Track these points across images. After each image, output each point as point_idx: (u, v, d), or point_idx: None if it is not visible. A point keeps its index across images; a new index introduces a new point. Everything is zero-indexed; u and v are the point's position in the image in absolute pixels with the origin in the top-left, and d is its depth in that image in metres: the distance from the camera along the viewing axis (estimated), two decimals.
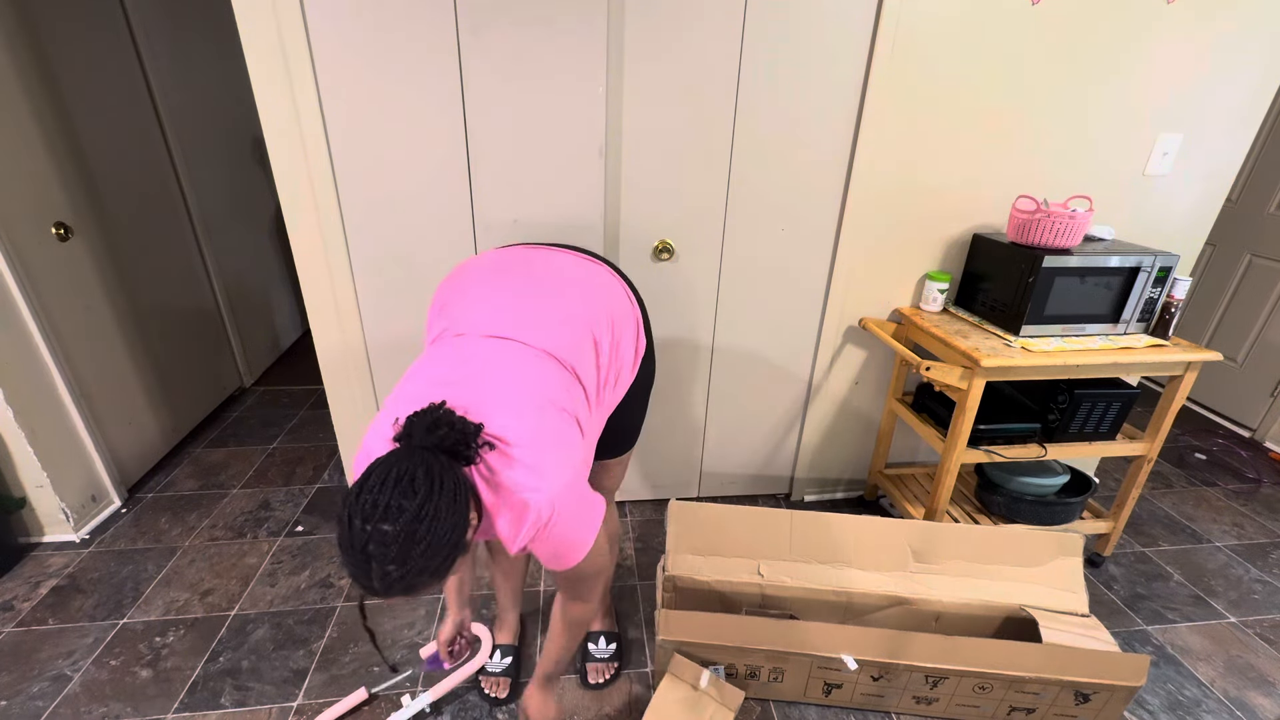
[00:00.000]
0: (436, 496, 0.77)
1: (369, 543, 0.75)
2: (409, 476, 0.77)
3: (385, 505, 0.75)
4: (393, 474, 0.77)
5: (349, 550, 0.77)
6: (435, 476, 0.78)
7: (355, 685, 1.46)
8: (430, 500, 0.76)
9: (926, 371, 1.58)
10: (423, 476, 0.77)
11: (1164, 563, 1.97)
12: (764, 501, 2.20)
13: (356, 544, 0.76)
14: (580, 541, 0.97)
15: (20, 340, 1.75)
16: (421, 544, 0.76)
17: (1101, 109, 1.69)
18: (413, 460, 0.78)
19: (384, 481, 0.77)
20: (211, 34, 2.61)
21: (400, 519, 0.75)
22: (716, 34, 1.52)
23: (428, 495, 0.76)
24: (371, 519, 0.75)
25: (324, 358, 1.76)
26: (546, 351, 1.01)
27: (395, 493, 0.76)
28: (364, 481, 0.78)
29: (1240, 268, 2.74)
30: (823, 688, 1.44)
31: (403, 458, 0.79)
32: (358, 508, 0.76)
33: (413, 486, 0.76)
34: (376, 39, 1.43)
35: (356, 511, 0.76)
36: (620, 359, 1.14)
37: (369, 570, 0.76)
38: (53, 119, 1.86)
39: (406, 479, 0.77)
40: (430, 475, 0.78)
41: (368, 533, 0.75)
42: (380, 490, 0.76)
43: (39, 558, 1.86)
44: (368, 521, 0.75)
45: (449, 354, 0.99)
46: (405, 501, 0.76)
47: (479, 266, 1.18)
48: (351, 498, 0.77)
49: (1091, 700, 1.34)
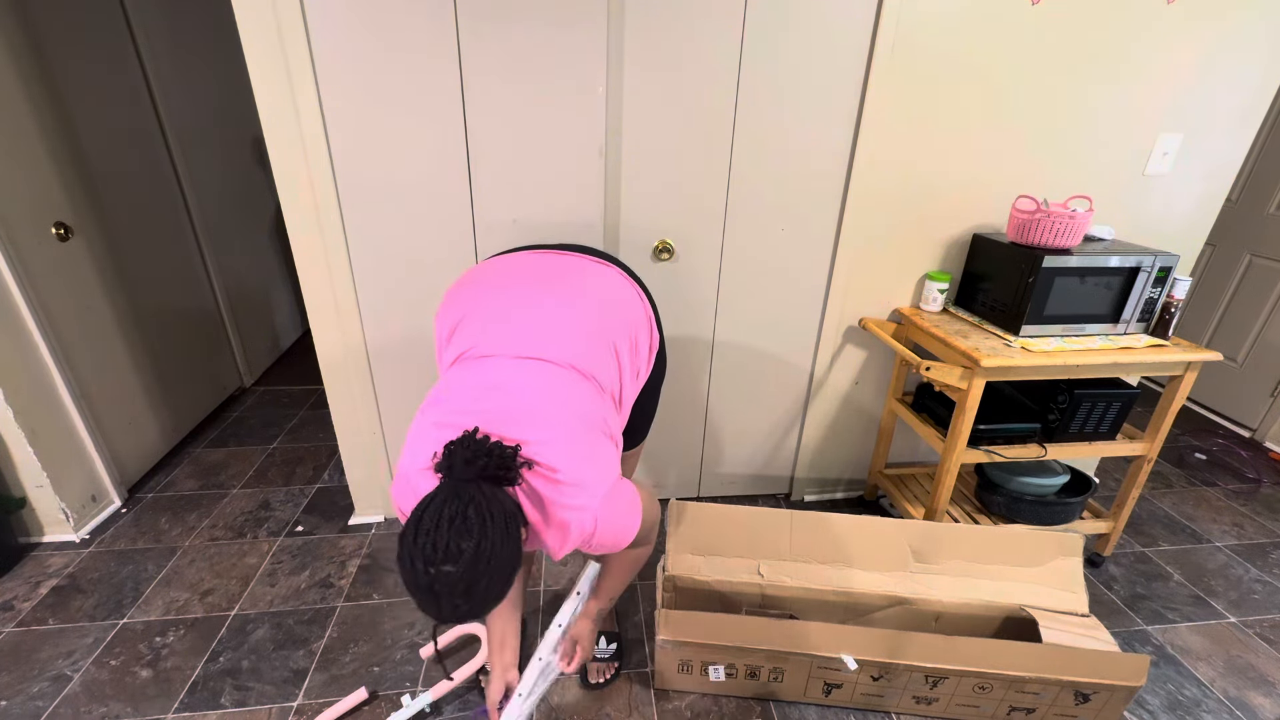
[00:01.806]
0: (491, 531, 0.81)
1: (434, 584, 0.79)
2: (461, 516, 0.80)
3: (445, 548, 0.78)
4: (444, 514, 0.80)
5: (416, 589, 0.80)
6: (484, 511, 0.81)
7: (355, 685, 1.46)
8: (486, 536, 0.80)
9: (926, 371, 1.58)
10: (474, 514, 0.80)
11: (1164, 563, 1.97)
12: (764, 501, 2.20)
13: (422, 585, 0.79)
14: (627, 533, 1.02)
15: (20, 340, 1.75)
16: (484, 578, 0.80)
17: (1102, 109, 1.69)
18: (460, 498, 0.81)
19: (437, 524, 0.79)
20: (211, 34, 2.61)
21: (461, 560, 0.78)
22: (717, 34, 1.52)
23: (483, 531, 0.80)
24: (434, 562, 0.78)
25: (324, 358, 1.76)
26: (572, 366, 1.03)
27: (451, 534, 0.79)
28: (417, 524, 0.80)
29: (1240, 268, 2.74)
30: (823, 688, 1.44)
31: (450, 496, 0.82)
32: (418, 551, 0.79)
33: (466, 526, 0.79)
34: (377, 39, 1.43)
35: (418, 556, 0.79)
36: (639, 359, 1.18)
37: (439, 605, 0.80)
38: (53, 119, 1.86)
39: (460, 519, 0.79)
40: (480, 511, 0.81)
41: (432, 575, 0.78)
42: (436, 532, 0.79)
43: (39, 558, 1.86)
44: (430, 565, 0.78)
45: (478, 378, 1.01)
46: (463, 543, 0.79)
47: (489, 280, 1.19)
48: (409, 540, 0.80)
49: (1091, 700, 1.34)
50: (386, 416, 1.89)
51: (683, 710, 1.46)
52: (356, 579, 1.80)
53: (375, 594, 1.75)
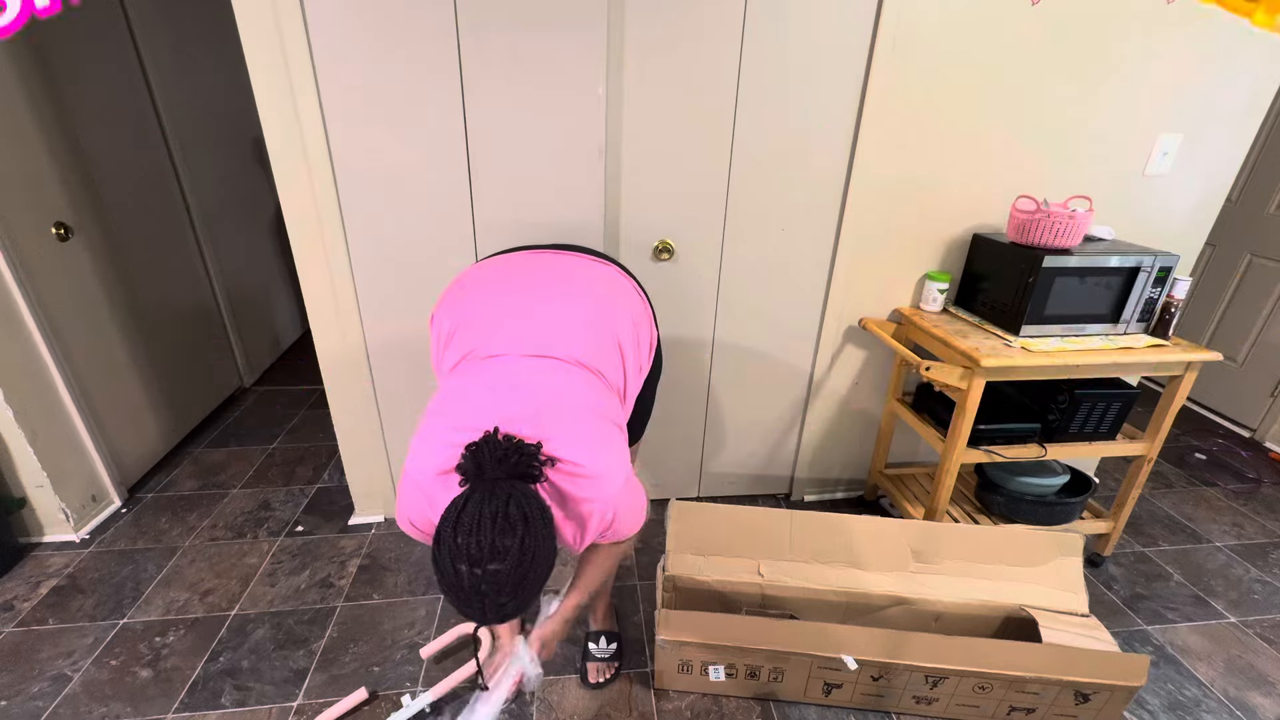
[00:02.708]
0: (533, 525, 0.81)
1: (481, 584, 0.79)
2: (502, 514, 0.80)
3: (490, 546, 0.78)
4: (485, 514, 0.79)
5: (460, 592, 0.80)
6: (523, 507, 0.81)
7: (355, 685, 1.46)
8: (530, 532, 0.80)
9: (926, 371, 1.58)
10: (516, 511, 0.80)
11: (1164, 563, 1.97)
12: (764, 501, 2.20)
13: (468, 586, 0.79)
14: (637, 520, 1.04)
15: (20, 340, 1.75)
16: (531, 573, 0.81)
17: (1101, 109, 1.69)
18: (498, 496, 0.81)
19: (478, 523, 0.79)
20: (211, 34, 2.61)
21: (508, 558, 0.78)
22: (717, 34, 1.52)
23: (526, 528, 0.80)
24: (480, 563, 0.78)
25: (324, 358, 1.76)
26: (579, 362, 1.04)
27: (495, 533, 0.78)
28: (455, 525, 0.80)
29: (1240, 268, 2.74)
30: (823, 688, 1.44)
31: (487, 495, 0.81)
32: (461, 553, 0.78)
33: (509, 523, 0.79)
34: (377, 39, 1.43)
35: (460, 557, 0.78)
36: (641, 353, 1.19)
37: (484, 606, 0.81)
38: (53, 119, 1.86)
39: (501, 517, 0.79)
40: (521, 507, 0.81)
41: (479, 575, 0.78)
42: (479, 531, 0.78)
43: (39, 558, 1.86)
44: (476, 565, 0.78)
45: (489, 378, 1.01)
46: (508, 540, 0.79)
47: (489, 280, 1.20)
48: (449, 543, 0.80)
49: (1091, 700, 1.34)
50: (386, 416, 1.89)
51: (683, 710, 1.46)
52: (356, 579, 1.80)
53: (375, 594, 1.75)
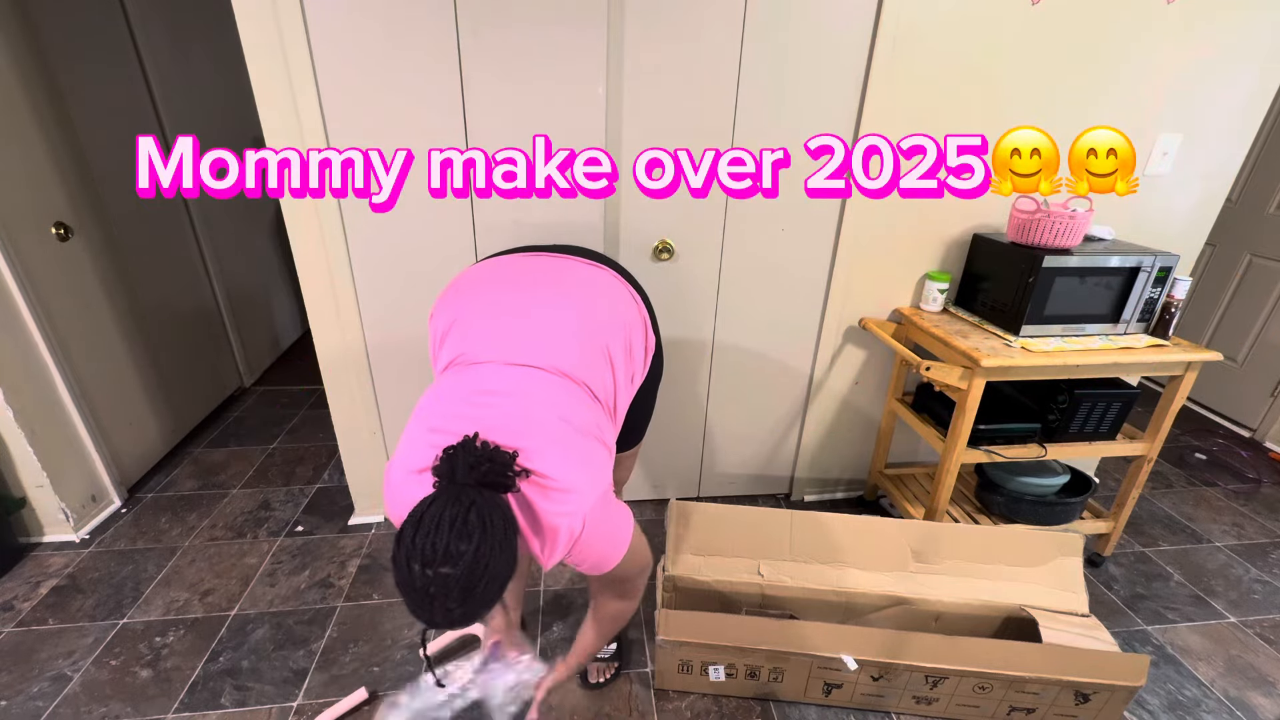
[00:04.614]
0: (491, 535, 0.80)
1: (431, 585, 0.78)
2: (461, 519, 0.79)
3: (444, 549, 0.77)
4: (445, 517, 0.79)
5: (410, 591, 0.80)
6: (485, 515, 0.81)
7: (355, 685, 1.46)
8: (486, 540, 0.79)
9: (926, 371, 1.58)
10: (475, 518, 0.79)
11: (1164, 563, 1.97)
12: (764, 501, 2.20)
13: (418, 586, 0.78)
14: (614, 549, 1.01)
15: (20, 340, 1.75)
16: (481, 582, 0.79)
17: (1101, 109, 1.68)
18: (461, 501, 0.80)
19: (438, 525, 0.78)
20: (211, 34, 2.61)
21: (460, 562, 0.78)
22: (716, 33, 1.52)
23: (483, 535, 0.79)
24: (432, 564, 0.77)
25: (324, 358, 1.76)
26: (561, 373, 1.03)
27: (452, 536, 0.78)
28: (417, 525, 0.80)
29: (1240, 268, 2.74)
30: (823, 688, 1.44)
31: (451, 499, 0.81)
32: (415, 553, 0.78)
33: (467, 529, 0.78)
34: (376, 39, 1.43)
35: (415, 557, 0.78)
36: (634, 362, 1.17)
37: (432, 609, 0.80)
38: (53, 119, 1.86)
39: (460, 521, 0.79)
40: (481, 515, 0.80)
41: (429, 577, 0.78)
42: (436, 534, 0.78)
43: (39, 558, 1.86)
44: (428, 566, 0.77)
45: (470, 384, 1.01)
46: (463, 545, 0.78)
47: (482, 283, 1.18)
48: (407, 542, 0.79)
49: (1091, 700, 1.34)
50: (386, 416, 1.89)
51: (683, 710, 1.46)
52: (356, 579, 1.80)
53: (375, 594, 1.75)
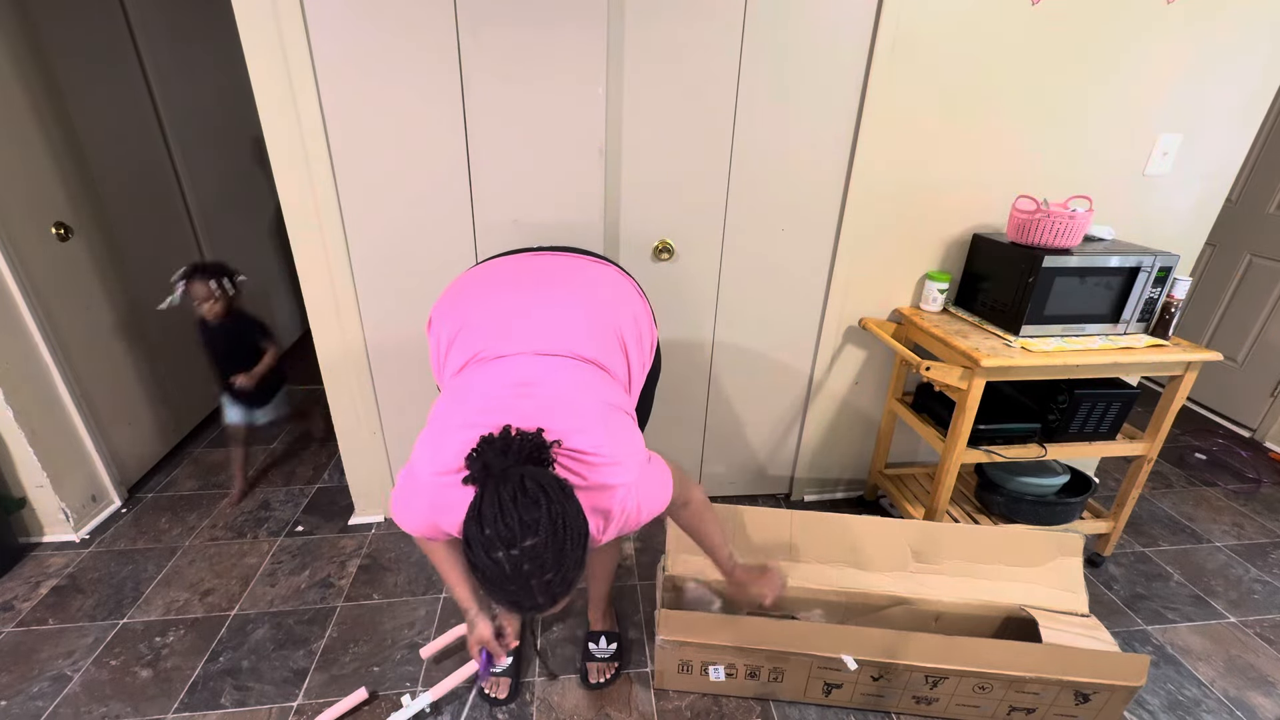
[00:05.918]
0: (554, 494, 0.81)
1: (523, 563, 0.78)
2: (520, 492, 0.79)
3: (519, 523, 0.78)
4: (503, 498, 0.79)
5: (504, 579, 0.80)
6: (539, 480, 0.81)
7: (355, 685, 1.46)
8: (552, 500, 0.80)
9: (926, 371, 1.58)
10: (533, 485, 0.80)
11: (1164, 563, 1.97)
12: (764, 501, 2.20)
13: (510, 568, 0.78)
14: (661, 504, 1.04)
15: (20, 340, 1.75)
16: (568, 539, 0.80)
17: (1101, 109, 1.68)
18: (510, 478, 0.81)
19: (500, 509, 0.78)
20: (211, 34, 2.61)
21: (540, 528, 0.78)
22: (717, 34, 1.51)
23: (547, 498, 0.80)
24: (515, 542, 0.78)
25: (324, 358, 1.76)
26: (586, 358, 1.06)
27: (519, 510, 0.78)
28: (480, 520, 0.80)
29: (1240, 268, 2.74)
30: (823, 688, 1.44)
31: (500, 482, 0.81)
32: (494, 541, 0.78)
33: (529, 497, 0.79)
34: (377, 39, 1.43)
35: (495, 545, 0.78)
36: (643, 350, 1.21)
37: (531, 589, 0.80)
38: (53, 119, 1.86)
39: (520, 494, 0.79)
40: (537, 480, 0.81)
41: (517, 555, 0.78)
42: (503, 515, 0.78)
43: (39, 558, 1.86)
44: (511, 546, 0.78)
45: (501, 377, 1.01)
46: (535, 512, 0.78)
47: (489, 284, 1.20)
48: (478, 536, 0.79)
49: (1091, 700, 1.34)
50: (386, 416, 1.89)
51: (683, 710, 1.46)
52: (356, 579, 1.80)
53: (375, 594, 1.75)
